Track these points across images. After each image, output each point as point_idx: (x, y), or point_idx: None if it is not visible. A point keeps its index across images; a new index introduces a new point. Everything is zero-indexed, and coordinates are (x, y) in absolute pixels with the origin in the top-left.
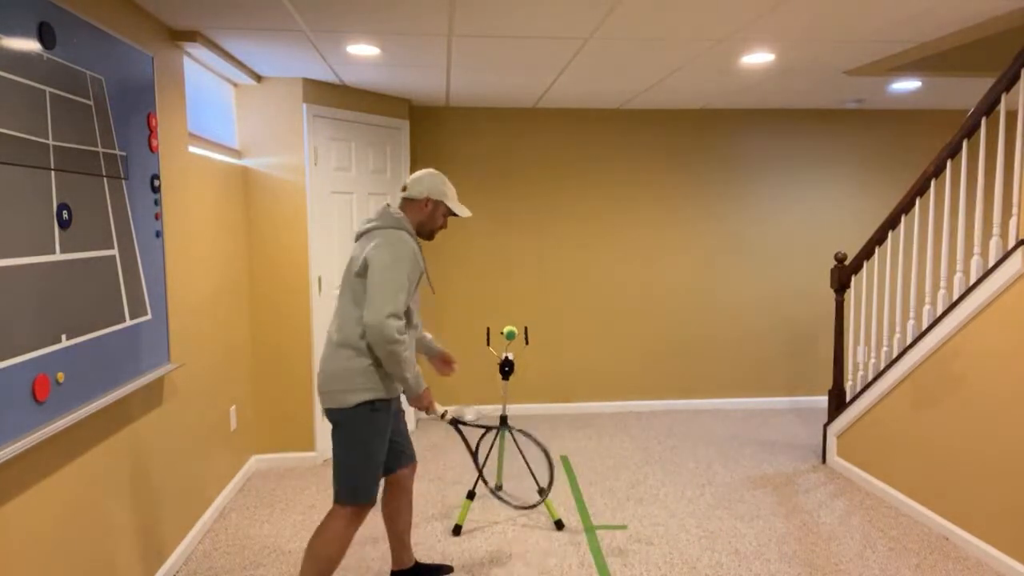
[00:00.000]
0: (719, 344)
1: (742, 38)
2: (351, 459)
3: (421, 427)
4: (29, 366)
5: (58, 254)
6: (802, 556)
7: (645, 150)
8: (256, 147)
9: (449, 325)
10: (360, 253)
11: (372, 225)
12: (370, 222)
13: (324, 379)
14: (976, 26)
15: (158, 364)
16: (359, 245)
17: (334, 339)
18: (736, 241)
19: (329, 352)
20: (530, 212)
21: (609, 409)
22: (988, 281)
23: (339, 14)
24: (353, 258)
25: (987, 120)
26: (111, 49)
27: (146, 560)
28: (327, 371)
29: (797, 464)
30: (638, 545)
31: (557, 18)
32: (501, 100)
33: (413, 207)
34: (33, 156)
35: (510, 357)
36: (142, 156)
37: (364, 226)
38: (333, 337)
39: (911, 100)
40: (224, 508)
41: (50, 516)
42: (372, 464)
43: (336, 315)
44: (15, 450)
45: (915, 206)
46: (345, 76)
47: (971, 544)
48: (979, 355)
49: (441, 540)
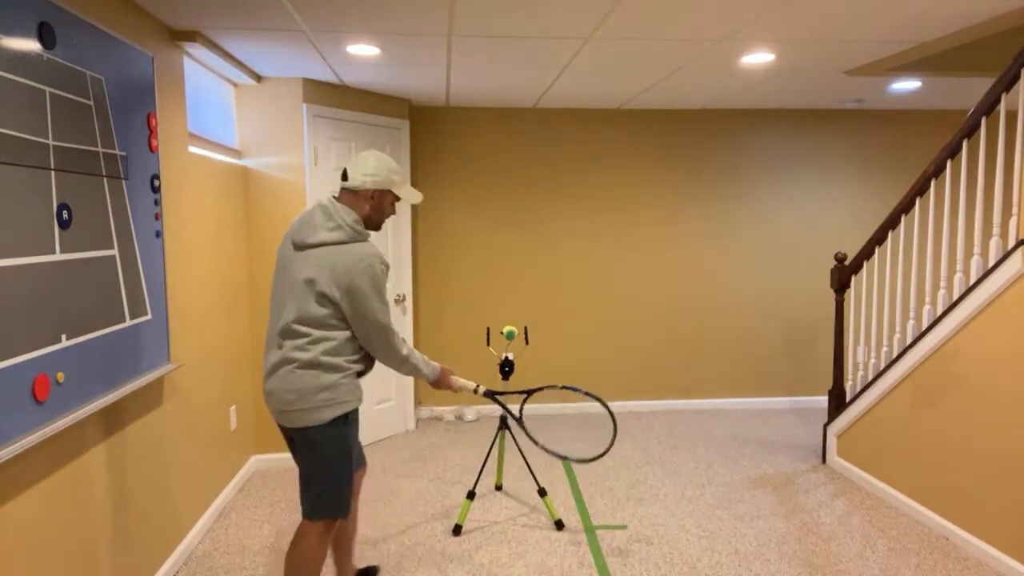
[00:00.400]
0: (719, 344)
1: (742, 38)
2: (329, 474)
3: (421, 427)
4: (29, 366)
5: (58, 254)
6: (802, 556)
7: (645, 150)
8: (256, 147)
9: (449, 325)
10: (317, 275)
11: (330, 239)
12: (324, 232)
13: (290, 399)
14: (976, 26)
15: (158, 364)
16: (312, 261)
17: (291, 359)
18: (736, 241)
19: (287, 373)
20: (530, 212)
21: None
22: (988, 281)
23: (339, 14)
24: (307, 279)
25: (987, 120)
26: (111, 49)
27: (146, 560)
28: (291, 389)
29: (797, 464)
30: (638, 545)
31: (557, 18)
32: (501, 100)
33: (358, 199)
34: (33, 156)
35: (510, 357)
36: (142, 156)
37: (315, 237)
38: (290, 356)
39: (911, 100)
40: (224, 508)
41: (50, 516)
42: (347, 475)
43: (284, 334)
44: (15, 450)
45: (915, 206)
46: (345, 76)
47: (971, 544)
48: (979, 355)
49: (441, 540)
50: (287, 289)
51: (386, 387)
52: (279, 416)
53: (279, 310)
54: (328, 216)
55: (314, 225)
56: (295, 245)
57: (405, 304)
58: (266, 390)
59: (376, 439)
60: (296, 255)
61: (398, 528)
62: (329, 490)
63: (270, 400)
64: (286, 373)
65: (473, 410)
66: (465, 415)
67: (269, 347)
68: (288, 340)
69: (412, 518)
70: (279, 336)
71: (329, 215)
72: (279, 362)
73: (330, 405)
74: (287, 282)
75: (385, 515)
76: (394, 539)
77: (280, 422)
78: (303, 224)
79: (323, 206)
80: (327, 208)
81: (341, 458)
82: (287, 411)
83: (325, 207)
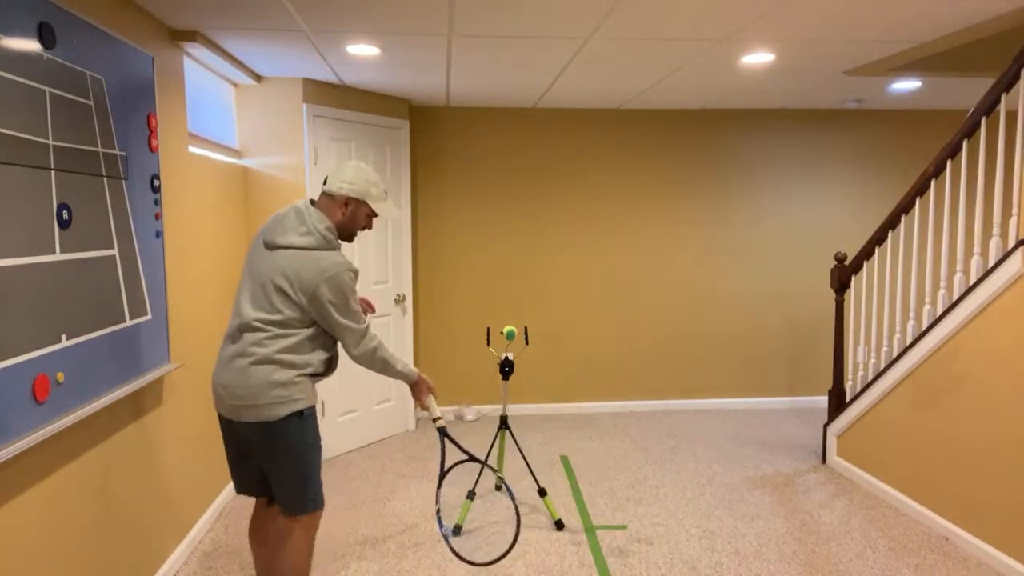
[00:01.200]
0: (719, 344)
1: (742, 38)
2: (297, 471)
3: (421, 427)
4: (29, 366)
5: (58, 254)
6: (802, 556)
7: (645, 150)
8: (256, 147)
9: (449, 325)
10: (283, 276)
11: (299, 243)
12: (295, 235)
13: (242, 394)
14: (976, 26)
15: (158, 364)
16: (280, 262)
17: (248, 354)
18: (736, 241)
19: (242, 367)
20: (530, 212)
21: (609, 409)
22: (988, 281)
23: (339, 14)
24: (272, 279)
25: (987, 120)
26: (111, 49)
27: (146, 560)
28: (244, 385)
29: (797, 464)
30: (638, 545)
31: (557, 18)
32: (501, 100)
33: (333, 205)
34: (33, 156)
35: (510, 357)
36: (142, 156)
37: (285, 239)
38: (247, 351)
39: (911, 100)
40: (224, 508)
41: (50, 516)
42: (319, 467)
43: (244, 328)
44: (15, 450)
45: (915, 206)
46: (345, 76)
47: (971, 544)
48: (979, 355)
49: (441, 540)
50: (252, 285)
51: (386, 387)
52: (230, 411)
53: (242, 304)
54: (301, 220)
55: (286, 227)
56: (266, 244)
57: (405, 304)
58: (219, 383)
59: (376, 439)
60: (266, 254)
61: (398, 528)
62: (306, 484)
63: (223, 393)
64: (241, 367)
65: (473, 410)
66: (465, 415)
67: (227, 340)
68: (247, 334)
69: (412, 518)
70: (238, 330)
71: (302, 219)
72: (235, 355)
73: (283, 402)
74: (253, 278)
75: (385, 515)
76: (394, 539)
77: (230, 417)
78: (276, 224)
79: (297, 209)
80: (301, 212)
81: (311, 449)
82: (239, 405)
83: (299, 210)
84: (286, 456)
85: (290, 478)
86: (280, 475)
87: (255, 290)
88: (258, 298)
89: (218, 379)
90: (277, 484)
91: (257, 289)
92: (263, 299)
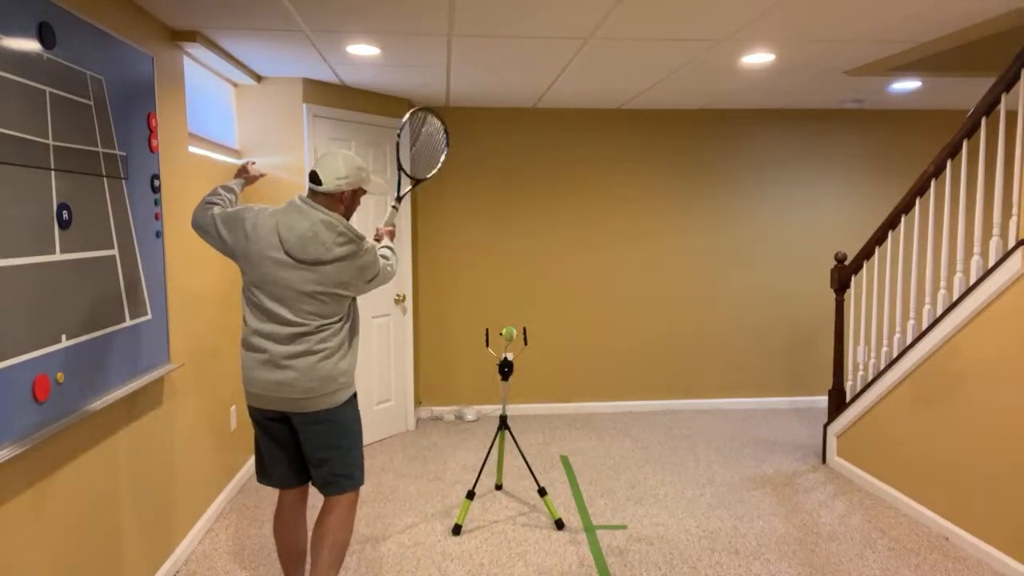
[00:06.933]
0: (719, 344)
1: (742, 38)
2: (354, 447)
3: (421, 427)
4: (29, 366)
5: (58, 254)
6: (802, 556)
7: (645, 150)
8: (256, 147)
9: (448, 325)
10: (342, 282)
11: (345, 253)
12: (337, 248)
13: (313, 386)
14: (976, 26)
15: (158, 364)
16: (331, 275)
17: (315, 351)
18: (736, 241)
19: (313, 363)
20: (529, 212)
21: (609, 409)
22: (988, 281)
23: (339, 14)
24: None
25: (987, 120)
26: (111, 49)
27: (146, 560)
28: (317, 378)
29: (797, 464)
30: (638, 545)
31: (557, 18)
32: (501, 100)
33: (332, 201)
34: (33, 156)
35: (509, 358)
36: (142, 156)
37: (331, 254)
38: (314, 348)
39: (911, 100)
40: (224, 508)
41: (50, 516)
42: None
43: (303, 328)
44: (15, 450)
45: (915, 206)
46: (345, 76)
47: (971, 544)
48: (979, 355)
49: (441, 540)
50: (290, 294)
51: (386, 387)
52: (290, 405)
53: (283, 309)
54: (336, 232)
55: (324, 242)
56: (301, 261)
57: (405, 304)
58: (273, 380)
59: (376, 439)
60: (306, 269)
61: (398, 528)
62: (356, 461)
63: (282, 390)
64: (310, 364)
65: (473, 410)
66: (465, 415)
67: (268, 340)
68: (311, 335)
69: (412, 518)
70: (291, 336)
71: (337, 230)
72: (295, 355)
73: (344, 388)
74: (294, 289)
75: (385, 515)
76: (394, 539)
77: (289, 411)
78: (307, 241)
79: (326, 221)
80: (330, 222)
81: (360, 427)
82: (306, 399)
83: (329, 222)
84: (345, 436)
85: (345, 456)
86: (337, 456)
87: (299, 299)
88: (311, 304)
89: (270, 377)
90: (331, 467)
91: (303, 298)
92: (318, 304)
